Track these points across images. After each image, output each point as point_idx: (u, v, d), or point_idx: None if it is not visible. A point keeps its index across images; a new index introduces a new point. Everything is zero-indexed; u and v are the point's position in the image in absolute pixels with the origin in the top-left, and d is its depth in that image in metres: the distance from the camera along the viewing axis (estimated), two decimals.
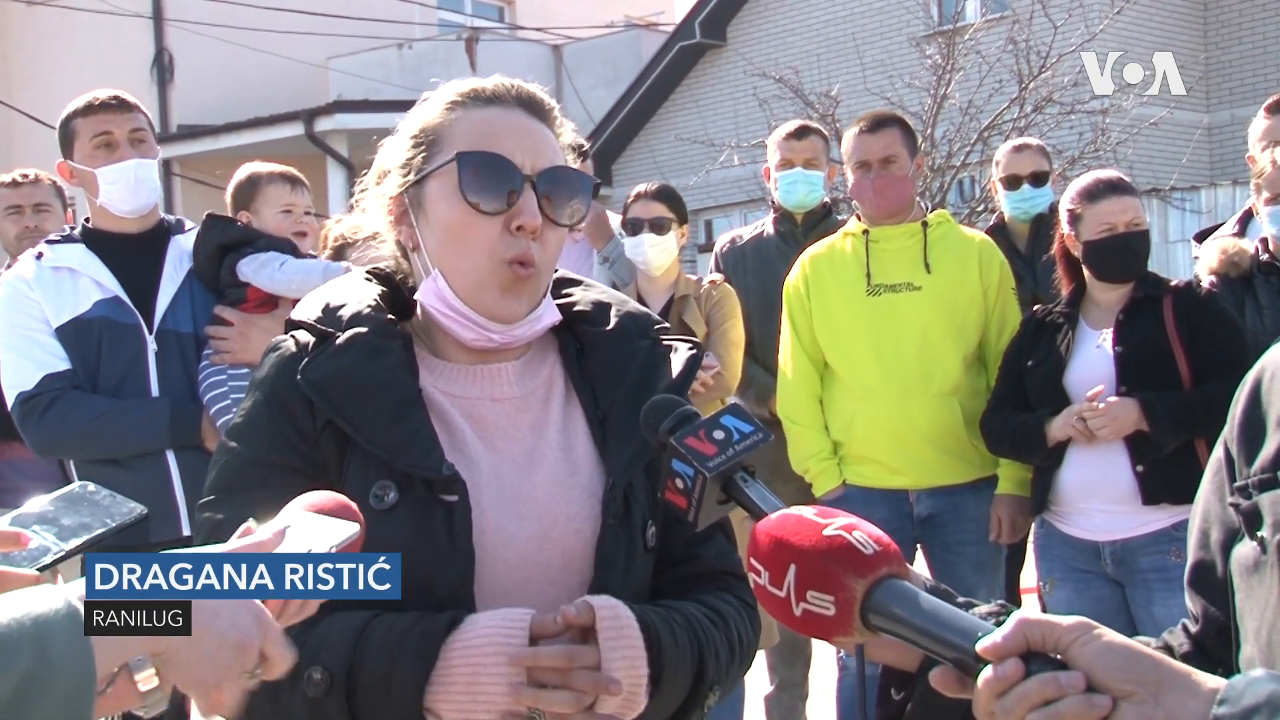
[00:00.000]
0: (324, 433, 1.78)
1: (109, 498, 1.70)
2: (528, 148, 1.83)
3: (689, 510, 1.49)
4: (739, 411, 1.53)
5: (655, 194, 4.85)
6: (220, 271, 3.81)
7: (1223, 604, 1.49)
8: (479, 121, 1.84)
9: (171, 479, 3.64)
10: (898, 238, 4.50)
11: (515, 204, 1.80)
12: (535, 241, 1.81)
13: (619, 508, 1.83)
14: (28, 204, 4.99)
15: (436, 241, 1.84)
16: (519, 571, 1.79)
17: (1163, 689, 1.17)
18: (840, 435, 4.51)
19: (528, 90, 1.90)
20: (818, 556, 1.29)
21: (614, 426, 1.87)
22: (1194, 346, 3.93)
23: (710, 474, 1.47)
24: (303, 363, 1.80)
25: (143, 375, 3.67)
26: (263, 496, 1.58)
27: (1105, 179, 4.10)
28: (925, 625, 1.26)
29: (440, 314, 1.85)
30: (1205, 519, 1.56)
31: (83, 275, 3.70)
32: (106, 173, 3.71)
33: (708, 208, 19.38)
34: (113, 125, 3.73)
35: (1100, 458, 3.98)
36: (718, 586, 1.92)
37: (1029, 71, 13.66)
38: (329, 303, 1.88)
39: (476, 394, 1.87)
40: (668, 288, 4.83)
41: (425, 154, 1.85)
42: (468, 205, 1.80)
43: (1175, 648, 1.57)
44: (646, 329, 1.95)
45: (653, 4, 23.56)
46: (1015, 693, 1.19)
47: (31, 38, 20.69)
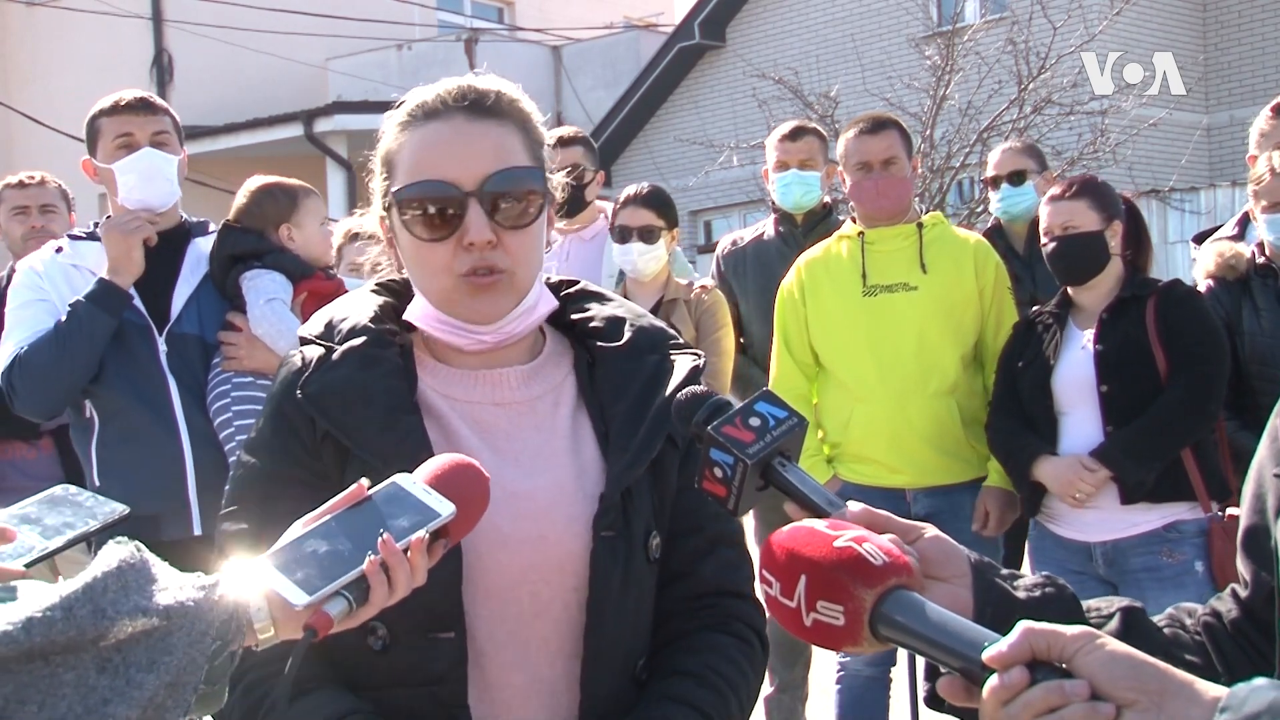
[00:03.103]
0: (324, 443, 1.81)
1: (91, 499, 1.75)
2: (466, 159, 1.82)
3: (728, 499, 1.50)
4: (772, 398, 1.53)
5: (645, 200, 4.81)
6: (229, 281, 3.82)
7: (1272, 568, 1.51)
8: (417, 145, 1.84)
9: (186, 478, 3.65)
10: (893, 239, 4.51)
11: (462, 224, 1.80)
12: (494, 249, 1.82)
13: (616, 519, 1.83)
14: (34, 205, 5.02)
15: (409, 265, 1.90)
16: (513, 572, 1.80)
17: (1166, 697, 1.18)
18: (838, 435, 4.51)
19: (472, 89, 1.87)
20: (828, 568, 1.31)
21: (614, 440, 1.88)
22: (1169, 343, 3.98)
23: (751, 460, 1.47)
24: (302, 378, 1.84)
25: (158, 377, 3.68)
26: (276, 509, 1.62)
27: (1058, 185, 4.23)
28: (932, 635, 1.28)
29: (431, 327, 1.89)
30: (1260, 484, 1.56)
31: (97, 274, 3.70)
32: (122, 165, 3.72)
33: (707, 209, 19.41)
34: (134, 126, 3.74)
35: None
36: (718, 617, 1.93)
37: (1028, 72, 13.67)
38: (332, 317, 1.92)
39: (479, 398, 1.89)
40: (656, 290, 4.82)
41: (387, 181, 1.88)
42: (413, 237, 1.83)
43: (1224, 614, 1.59)
44: (659, 344, 1.96)
45: (652, 5, 23.58)
46: (1020, 700, 1.20)
47: (31, 38, 20.70)
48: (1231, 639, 1.57)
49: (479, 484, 1.56)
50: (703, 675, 1.87)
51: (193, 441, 3.68)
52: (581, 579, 1.82)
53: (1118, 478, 3.97)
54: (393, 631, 1.77)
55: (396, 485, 1.53)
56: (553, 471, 1.86)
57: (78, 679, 1.28)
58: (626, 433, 1.87)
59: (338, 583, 1.45)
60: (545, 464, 1.86)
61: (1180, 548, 3.95)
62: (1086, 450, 4.02)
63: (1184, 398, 3.94)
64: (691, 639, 1.91)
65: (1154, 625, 1.53)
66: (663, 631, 1.92)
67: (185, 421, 3.68)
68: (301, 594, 1.43)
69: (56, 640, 1.27)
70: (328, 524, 1.51)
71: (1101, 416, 4.02)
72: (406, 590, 1.49)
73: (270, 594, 1.43)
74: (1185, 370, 3.94)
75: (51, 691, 1.27)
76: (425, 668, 1.78)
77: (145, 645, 1.32)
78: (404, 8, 20.91)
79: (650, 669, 1.90)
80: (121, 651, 1.31)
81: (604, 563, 1.82)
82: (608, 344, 1.95)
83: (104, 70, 17.93)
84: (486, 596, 1.79)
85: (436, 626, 1.77)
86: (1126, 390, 4.00)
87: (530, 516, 1.82)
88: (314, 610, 1.43)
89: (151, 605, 1.33)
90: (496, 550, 1.79)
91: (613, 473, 1.85)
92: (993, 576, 1.46)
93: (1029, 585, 1.47)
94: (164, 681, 1.31)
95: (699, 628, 1.92)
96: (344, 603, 1.45)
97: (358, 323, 1.88)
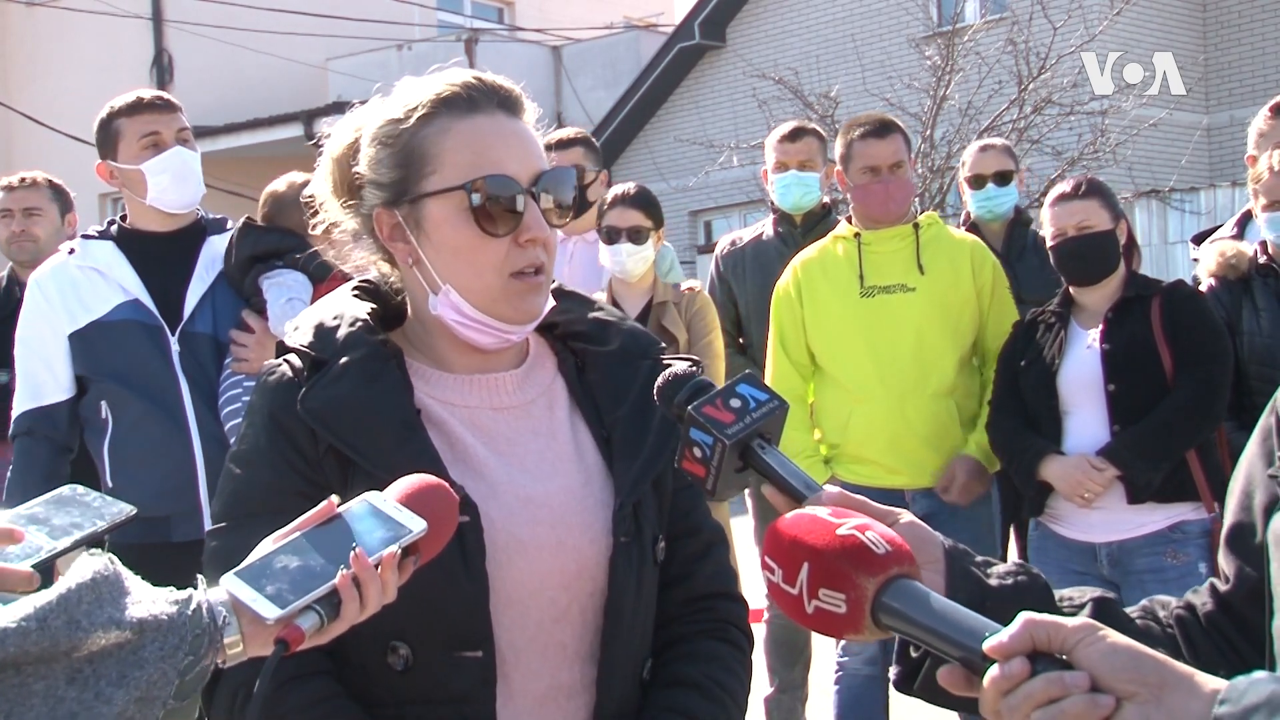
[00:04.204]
0: (326, 457, 1.79)
1: (99, 499, 1.75)
2: (519, 156, 1.80)
3: (707, 478, 1.51)
4: (754, 380, 1.54)
5: (633, 201, 4.80)
6: (247, 280, 3.77)
7: (1258, 564, 1.51)
8: (470, 137, 1.79)
9: (198, 480, 3.64)
10: (890, 240, 4.51)
11: (522, 221, 1.79)
12: (542, 248, 1.81)
13: (630, 526, 1.83)
14: (18, 208, 5.03)
15: (444, 261, 1.81)
16: (532, 579, 1.79)
17: (1165, 690, 1.19)
18: (836, 436, 4.52)
19: (502, 87, 1.85)
20: (830, 555, 1.31)
21: (620, 446, 1.87)
22: (1175, 343, 3.98)
23: (729, 441, 1.48)
24: (301, 391, 1.80)
25: (170, 377, 3.67)
26: (271, 521, 1.59)
27: (1066, 184, 4.19)
28: (933, 625, 1.28)
29: (458, 324, 1.84)
30: (1249, 481, 1.57)
31: (108, 276, 3.70)
32: (153, 165, 3.67)
33: (707, 209, 19.41)
34: (160, 125, 3.70)
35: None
36: (713, 621, 1.93)
37: (1028, 72, 13.68)
38: (321, 324, 1.86)
39: (476, 403, 1.87)
40: (644, 292, 4.81)
41: (414, 174, 1.80)
42: (480, 230, 1.78)
43: (1199, 606, 1.59)
44: (649, 349, 1.95)
45: (652, 5, 23.58)
46: (1021, 691, 1.20)
47: (31, 38, 20.71)
48: (1205, 633, 1.58)
49: (449, 503, 1.55)
50: (705, 687, 1.88)
51: (204, 443, 3.65)
52: (599, 584, 1.82)
53: (1125, 478, 3.98)
54: (416, 651, 1.75)
55: (368, 503, 1.53)
56: (561, 476, 1.85)
57: (47, 689, 1.27)
58: (633, 438, 1.86)
59: (309, 596, 1.44)
60: (552, 469, 1.85)
61: (1184, 549, 3.95)
62: (1092, 449, 4.02)
63: (1191, 398, 3.94)
64: (692, 646, 1.91)
65: (1126, 616, 1.53)
66: (663, 634, 1.92)
67: (196, 423, 3.66)
68: (273, 608, 1.42)
69: (30, 651, 1.26)
70: (298, 540, 1.50)
71: (1108, 415, 4.02)
72: (377, 606, 1.49)
73: (240, 608, 1.43)
74: (1191, 370, 3.95)
75: (20, 701, 1.26)
76: (450, 686, 1.76)
77: (116, 658, 1.31)
78: (404, 8, 20.91)
79: (652, 674, 1.90)
80: (93, 663, 1.30)
81: (622, 570, 1.82)
82: (597, 347, 1.94)
83: (104, 70, 17.95)
84: (507, 605, 1.77)
85: (462, 645, 1.75)
86: (1133, 389, 4.00)
87: (547, 523, 1.81)
88: (285, 624, 1.43)
89: (125, 618, 1.32)
90: (516, 558, 1.78)
91: (626, 479, 1.84)
92: (967, 564, 1.47)
93: (1002, 573, 1.48)
94: (133, 697, 1.30)
95: (697, 634, 1.92)
96: (315, 617, 1.44)
97: (352, 332, 1.84)
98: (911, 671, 1.49)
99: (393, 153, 1.82)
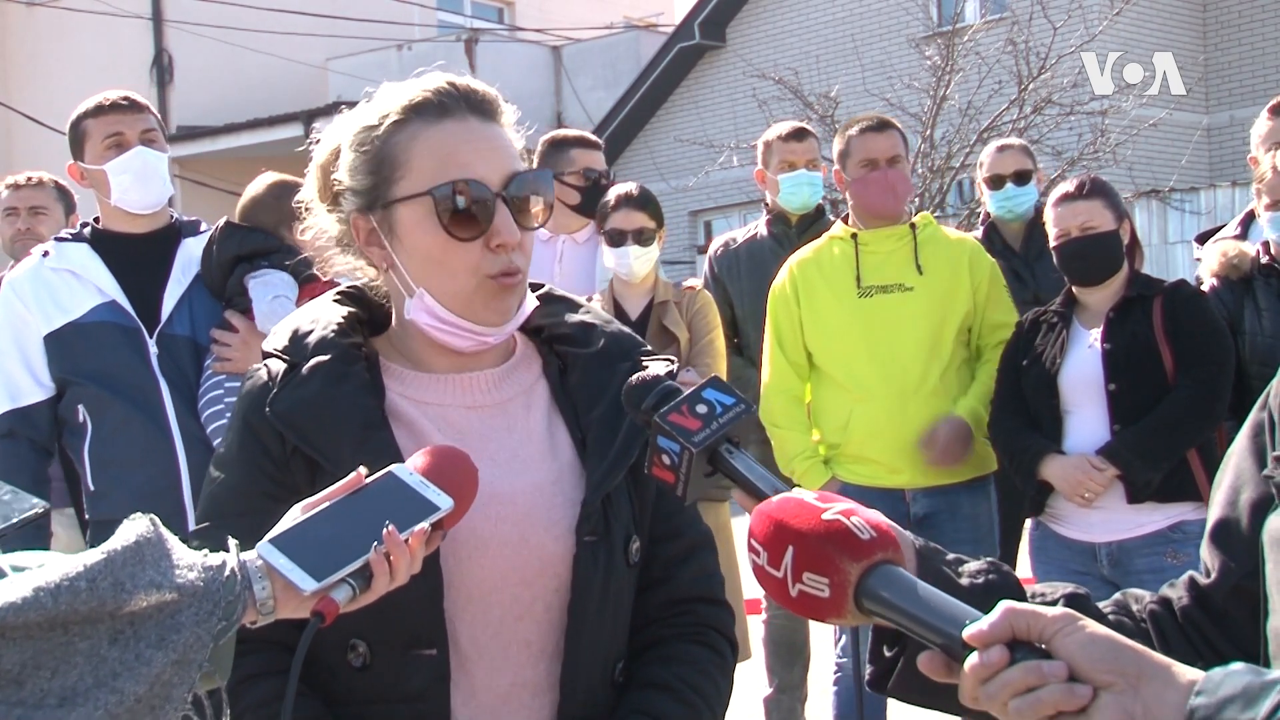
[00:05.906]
0: (293, 458, 1.81)
1: (10, 493, 1.74)
2: (489, 159, 1.81)
3: (677, 485, 1.52)
4: (720, 384, 1.55)
5: (637, 202, 4.78)
6: (230, 280, 3.76)
7: (1244, 560, 1.52)
8: (438, 143, 1.80)
9: (180, 481, 3.63)
10: (887, 240, 4.51)
11: (492, 224, 1.80)
12: (516, 251, 1.82)
13: (598, 524, 1.84)
14: (23, 207, 5.02)
15: (417, 265, 1.83)
16: (493, 576, 1.80)
17: (1142, 680, 1.19)
18: (836, 436, 4.51)
19: (474, 90, 1.85)
20: (815, 539, 1.32)
21: (593, 445, 1.88)
22: (1176, 343, 3.99)
23: (696, 448, 1.49)
24: (270, 394, 1.82)
25: (150, 379, 3.66)
26: (246, 524, 1.61)
27: (1069, 184, 4.19)
28: (915, 611, 1.29)
29: (433, 328, 1.86)
30: (1238, 477, 1.57)
31: (83, 277, 3.70)
32: (115, 165, 3.68)
33: (707, 209, 19.42)
34: (124, 126, 3.71)
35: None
36: (692, 625, 1.93)
37: (1028, 72, 13.69)
38: (297, 329, 1.89)
39: (450, 401, 1.88)
40: (645, 292, 4.81)
41: (385, 179, 1.82)
42: (448, 235, 1.80)
43: (1174, 600, 1.60)
44: (630, 351, 1.94)
45: (652, 5, 23.60)
46: (999, 679, 1.21)
47: (31, 39, 20.73)
48: (1179, 628, 1.58)
49: (470, 474, 1.58)
50: (677, 689, 1.87)
51: (185, 444, 3.65)
52: (563, 581, 1.82)
53: (1124, 477, 3.98)
54: (373, 649, 1.77)
55: (394, 476, 1.55)
56: (530, 474, 1.85)
57: (90, 649, 1.30)
58: (604, 438, 1.86)
59: (344, 570, 1.48)
60: (522, 466, 1.86)
61: (1185, 549, 3.95)
62: (1092, 449, 4.01)
63: (1192, 397, 3.95)
64: (668, 649, 1.91)
65: (1098, 611, 1.54)
66: (640, 637, 1.93)
67: (178, 424, 3.65)
68: (310, 580, 1.46)
69: (79, 609, 1.29)
70: (328, 511, 1.53)
71: (1109, 415, 4.02)
72: (405, 579, 1.53)
73: (274, 575, 1.46)
74: (1192, 370, 3.95)
75: (65, 659, 1.29)
76: (405, 685, 1.77)
77: (156, 621, 1.34)
78: (404, 8, 20.93)
79: (626, 676, 1.91)
80: (134, 625, 1.33)
81: (586, 567, 1.82)
82: (579, 350, 1.94)
83: (104, 70, 17.93)
84: (468, 602, 1.78)
85: (418, 643, 1.76)
86: (1134, 389, 4.00)
87: (510, 519, 1.81)
88: (321, 596, 1.46)
89: (166, 580, 1.36)
90: (476, 554, 1.79)
91: (593, 478, 1.85)
92: (937, 562, 1.48)
93: (973, 572, 1.49)
94: (170, 659, 1.34)
95: (674, 637, 1.92)
96: (349, 589, 1.48)
97: (324, 336, 1.85)
98: (886, 671, 1.49)
99: (366, 159, 1.84)
